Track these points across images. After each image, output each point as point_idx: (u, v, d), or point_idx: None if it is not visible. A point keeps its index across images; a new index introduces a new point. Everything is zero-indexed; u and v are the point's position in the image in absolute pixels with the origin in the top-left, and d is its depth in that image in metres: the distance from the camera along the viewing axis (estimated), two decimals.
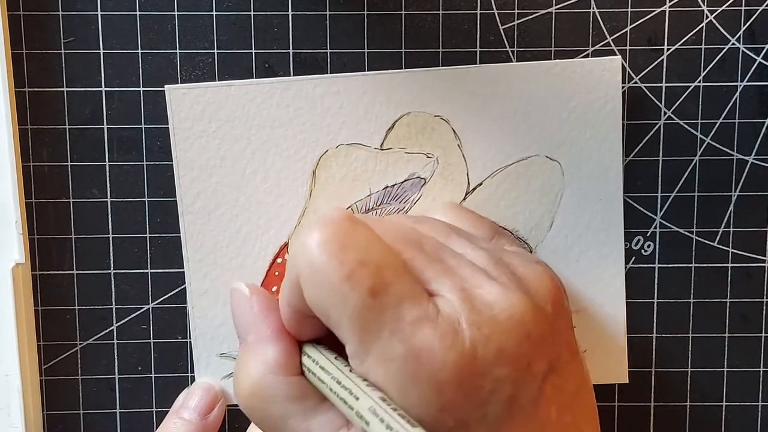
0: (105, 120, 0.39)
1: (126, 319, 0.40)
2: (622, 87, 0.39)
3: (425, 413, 0.27)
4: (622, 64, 0.38)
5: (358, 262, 0.27)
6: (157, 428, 0.39)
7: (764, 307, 0.40)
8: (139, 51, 0.38)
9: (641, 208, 0.40)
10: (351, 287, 0.27)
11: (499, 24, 0.38)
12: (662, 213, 0.40)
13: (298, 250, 0.28)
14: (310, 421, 0.30)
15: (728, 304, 0.40)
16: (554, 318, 0.30)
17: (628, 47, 0.39)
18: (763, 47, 0.39)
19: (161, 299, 0.40)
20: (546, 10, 0.38)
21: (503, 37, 0.39)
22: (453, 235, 0.33)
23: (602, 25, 0.39)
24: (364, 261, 0.27)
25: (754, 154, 0.39)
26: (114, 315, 0.40)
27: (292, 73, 0.38)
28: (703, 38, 0.39)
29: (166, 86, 0.38)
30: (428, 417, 0.27)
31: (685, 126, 0.39)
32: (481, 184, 0.39)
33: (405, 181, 0.39)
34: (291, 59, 0.38)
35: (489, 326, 0.28)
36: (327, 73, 0.38)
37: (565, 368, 0.30)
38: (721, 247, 0.40)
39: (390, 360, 0.27)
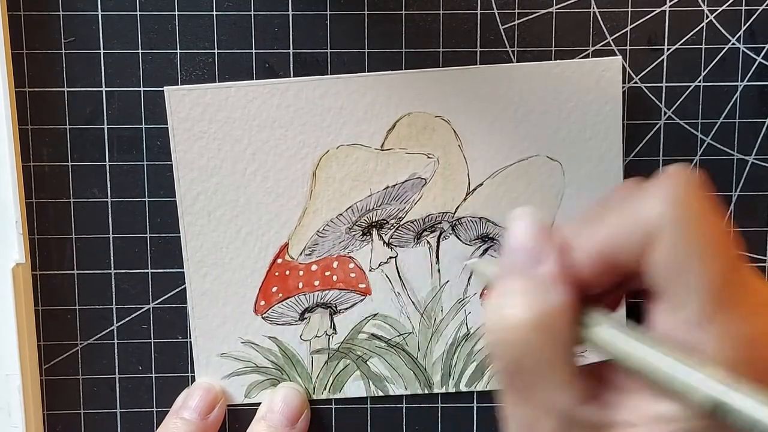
0: (105, 120, 0.39)
1: (126, 319, 0.40)
2: (622, 87, 0.39)
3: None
4: (622, 64, 0.38)
5: (722, 230, 0.27)
6: (157, 428, 0.39)
7: None
8: (139, 51, 0.38)
9: None
10: (719, 252, 0.27)
11: (499, 24, 0.38)
12: None
13: (658, 204, 0.27)
14: (573, 377, 0.28)
15: None
16: None
17: (628, 47, 0.39)
18: (763, 47, 0.39)
19: (161, 299, 0.40)
20: (546, 10, 0.38)
21: (503, 37, 0.39)
22: None
23: (602, 25, 0.39)
24: (726, 231, 0.27)
25: (754, 154, 0.39)
26: (114, 315, 0.40)
27: (292, 73, 0.38)
28: (703, 38, 0.39)
29: (165, 87, 0.38)
30: None
31: (685, 126, 0.39)
32: (481, 184, 0.39)
33: (405, 181, 0.39)
34: (291, 59, 0.38)
35: None
36: (327, 73, 0.38)
37: None
38: None
39: (732, 337, 0.26)
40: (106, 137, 0.39)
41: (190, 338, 0.40)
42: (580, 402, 0.28)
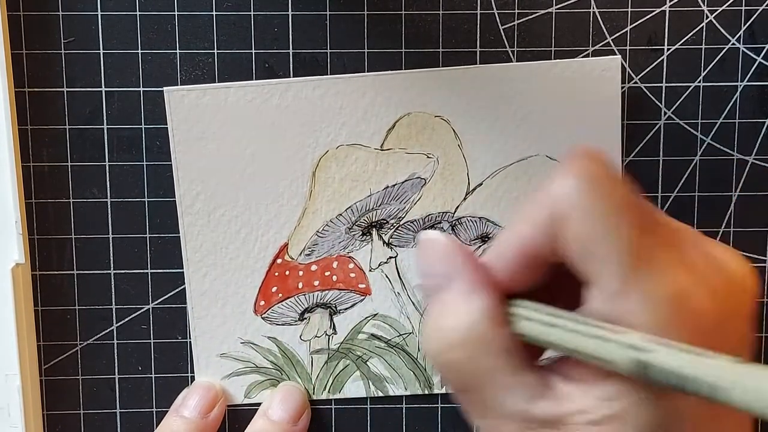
0: (105, 120, 0.39)
1: (126, 319, 0.40)
2: (622, 87, 0.39)
3: None
4: (622, 64, 0.38)
5: (627, 198, 0.27)
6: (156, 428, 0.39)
7: (764, 307, 0.40)
8: (139, 51, 0.38)
9: None
10: (626, 221, 0.27)
11: (499, 24, 0.38)
12: None
13: (561, 186, 0.28)
14: (517, 378, 0.29)
15: None
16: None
17: (628, 47, 0.39)
18: (763, 47, 0.39)
19: (161, 299, 0.40)
20: (546, 10, 0.38)
21: (503, 37, 0.39)
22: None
23: (602, 25, 0.39)
24: (632, 199, 0.27)
25: (754, 154, 0.39)
26: (114, 315, 0.40)
27: (292, 73, 0.38)
28: (703, 38, 0.39)
29: (165, 88, 0.38)
30: None
31: (685, 126, 0.39)
32: (481, 184, 0.39)
33: (405, 181, 0.39)
34: (291, 59, 0.38)
35: (731, 282, 0.28)
36: (327, 73, 0.38)
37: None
38: None
39: (654, 300, 0.27)
40: (105, 137, 0.39)
41: (189, 338, 0.40)
42: (533, 400, 0.29)
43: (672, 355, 0.25)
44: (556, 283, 0.30)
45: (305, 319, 0.40)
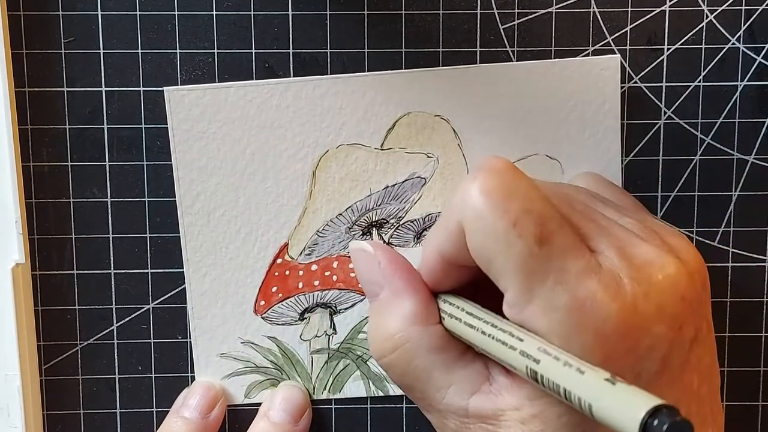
0: (105, 120, 0.39)
1: (126, 319, 0.40)
2: (623, 87, 0.39)
3: None
4: (622, 64, 0.38)
5: (522, 210, 0.28)
6: (157, 428, 0.39)
7: (764, 307, 0.40)
8: (139, 51, 0.38)
9: None
10: (518, 234, 0.27)
11: (499, 24, 0.38)
12: (662, 213, 0.40)
13: (461, 198, 0.29)
14: (453, 375, 0.30)
15: (728, 304, 0.40)
16: (701, 287, 0.30)
17: (628, 47, 0.39)
18: (763, 47, 0.39)
19: (161, 299, 0.40)
20: (546, 10, 0.38)
21: (503, 37, 0.39)
22: (599, 202, 0.33)
23: (602, 25, 0.39)
24: (529, 210, 0.28)
25: (754, 154, 0.39)
26: (114, 315, 0.40)
27: (292, 73, 0.38)
28: (703, 38, 0.39)
29: (165, 88, 0.38)
30: None
31: (685, 126, 0.39)
32: None
33: (405, 181, 0.39)
34: (291, 59, 0.38)
35: (647, 283, 0.28)
36: (327, 73, 0.38)
37: (705, 340, 0.30)
38: (721, 247, 0.40)
39: (554, 309, 0.27)
40: (105, 137, 0.39)
41: (189, 338, 0.40)
42: (469, 395, 0.30)
43: (554, 367, 0.26)
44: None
45: (305, 318, 0.40)
